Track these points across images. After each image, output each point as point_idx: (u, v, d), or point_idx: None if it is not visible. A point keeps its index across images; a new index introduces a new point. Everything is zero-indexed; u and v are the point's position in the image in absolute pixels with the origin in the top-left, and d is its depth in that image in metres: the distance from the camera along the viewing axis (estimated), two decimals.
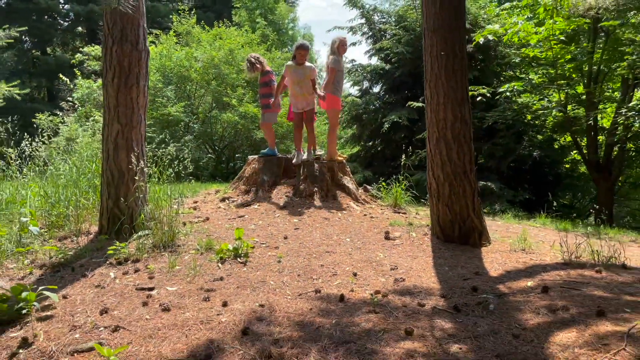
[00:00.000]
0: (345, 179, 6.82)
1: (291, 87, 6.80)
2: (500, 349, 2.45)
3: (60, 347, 2.78)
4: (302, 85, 6.65)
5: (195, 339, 2.75)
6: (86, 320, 3.09)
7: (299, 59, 6.58)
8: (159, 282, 3.71)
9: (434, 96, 4.81)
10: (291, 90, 6.82)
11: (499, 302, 3.14)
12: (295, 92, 6.75)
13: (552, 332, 2.61)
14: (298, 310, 3.12)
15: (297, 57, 6.57)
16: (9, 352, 2.77)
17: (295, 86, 6.70)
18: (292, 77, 6.67)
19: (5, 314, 3.13)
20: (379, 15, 12.83)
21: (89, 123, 12.57)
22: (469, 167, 4.76)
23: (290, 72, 6.66)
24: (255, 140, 13.44)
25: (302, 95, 6.71)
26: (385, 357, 2.44)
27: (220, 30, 15.32)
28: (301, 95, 6.72)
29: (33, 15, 25.18)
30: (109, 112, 4.86)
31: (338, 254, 4.44)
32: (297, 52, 6.57)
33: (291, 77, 6.68)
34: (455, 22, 4.73)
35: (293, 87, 6.75)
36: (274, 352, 2.52)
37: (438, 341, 2.59)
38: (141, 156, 4.91)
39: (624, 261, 4.20)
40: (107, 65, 4.86)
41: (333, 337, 2.68)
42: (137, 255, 4.28)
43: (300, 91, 6.70)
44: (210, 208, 6.31)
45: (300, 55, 6.56)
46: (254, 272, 3.93)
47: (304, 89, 6.67)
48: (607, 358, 2.27)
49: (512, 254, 4.50)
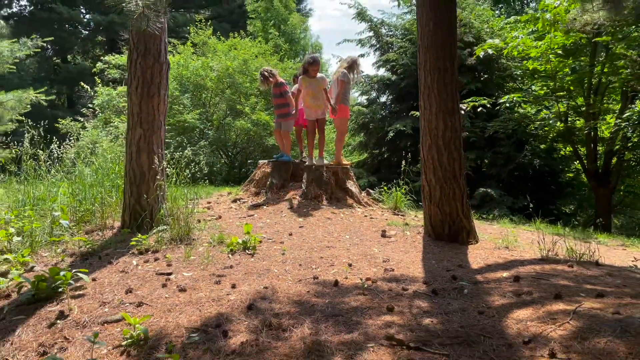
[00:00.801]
0: (348, 183, 7.28)
1: (306, 99, 7.34)
2: (465, 322, 2.89)
3: (92, 319, 3.26)
4: (317, 97, 7.22)
5: (207, 313, 3.22)
6: (113, 298, 3.58)
7: (311, 72, 7.15)
8: (176, 269, 4.19)
9: (427, 107, 5.27)
10: (306, 101, 7.35)
11: (473, 288, 3.58)
12: (310, 103, 7.30)
13: (512, 310, 3.04)
14: (297, 292, 3.58)
15: (310, 72, 7.14)
16: (49, 322, 3.26)
17: (310, 98, 7.26)
18: (307, 89, 7.23)
19: (44, 292, 3.63)
20: (386, 29, 13.36)
21: (109, 128, 13.22)
22: (458, 171, 5.20)
23: (305, 85, 7.22)
24: (267, 146, 13.94)
25: (317, 105, 7.28)
26: (367, 326, 2.89)
27: (235, 41, 15.92)
28: (316, 106, 7.29)
29: (55, 25, 26.10)
30: (133, 118, 5.38)
31: (337, 248, 4.90)
32: (310, 68, 7.15)
33: (306, 90, 7.25)
34: (447, 40, 5.19)
35: (308, 98, 7.30)
36: (274, 322, 2.98)
37: (414, 316, 3.04)
38: (161, 158, 5.42)
39: (597, 259, 4.60)
40: (131, 75, 5.39)
41: (325, 312, 3.13)
42: (156, 247, 4.77)
43: (314, 102, 7.26)
44: (223, 208, 6.81)
45: (314, 70, 7.16)
46: (260, 262, 4.40)
47: (318, 100, 7.24)
48: (552, 328, 2.70)
49: (496, 251, 4.93)
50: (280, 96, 7.63)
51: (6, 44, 11.02)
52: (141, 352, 2.79)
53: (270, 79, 7.59)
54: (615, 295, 3.25)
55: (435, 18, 5.16)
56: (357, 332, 2.82)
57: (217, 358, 2.64)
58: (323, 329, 2.88)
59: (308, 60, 7.24)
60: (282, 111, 7.65)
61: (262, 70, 7.72)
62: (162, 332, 2.99)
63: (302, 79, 7.29)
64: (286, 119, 7.62)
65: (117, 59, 16.92)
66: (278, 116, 7.77)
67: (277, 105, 7.75)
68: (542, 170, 11.32)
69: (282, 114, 7.65)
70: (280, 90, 7.62)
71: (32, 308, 3.48)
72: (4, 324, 3.30)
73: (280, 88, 7.63)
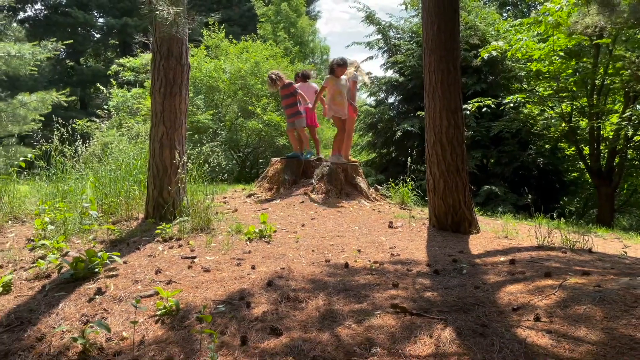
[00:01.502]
0: (357, 179, 7.64)
1: (334, 97, 7.71)
2: (462, 295, 3.24)
3: (127, 294, 3.64)
4: (343, 95, 7.64)
5: (231, 289, 3.59)
6: (145, 277, 3.95)
7: (338, 73, 7.61)
8: (199, 254, 4.56)
9: (432, 105, 5.62)
10: (334, 99, 7.72)
11: (471, 269, 3.93)
12: (338, 101, 7.69)
13: (505, 285, 3.38)
14: (311, 272, 3.93)
15: (337, 72, 7.60)
16: (88, 297, 3.63)
17: (339, 96, 7.66)
18: (335, 88, 7.66)
19: (81, 272, 4.01)
20: (394, 32, 13.73)
21: (124, 129, 13.65)
22: (461, 165, 5.54)
23: (333, 84, 7.65)
24: (278, 146, 14.32)
25: (343, 103, 7.68)
26: (374, 298, 3.24)
27: (247, 44, 16.33)
28: (342, 104, 7.68)
29: (68, 28, 26.68)
30: (156, 117, 5.77)
31: (347, 237, 5.25)
32: (339, 69, 7.61)
33: (334, 88, 7.66)
34: (450, 43, 5.54)
35: (336, 97, 7.69)
36: (291, 295, 3.34)
37: (416, 290, 3.39)
38: (182, 153, 5.80)
39: (590, 247, 4.92)
40: (154, 76, 5.78)
41: (337, 287, 3.49)
42: (179, 235, 5.15)
43: (342, 100, 7.67)
44: (238, 202, 7.19)
45: (341, 71, 7.62)
46: (276, 248, 4.76)
47: (344, 99, 7.65)
48: (539, 299, 3.04)
49: (495, 240, 5.27)
50: (291, 96, 8.00)
51: (27, 47, 11.49)
52: (174, 321, 3.16)
53: (277, 81, 7.97)
54: (600, 274, 3.59)
55: (439, 23, 5.51)
56: (365, 302, 3.18)
57: (242, 324, 3.01)
58: (335, 301, 3.23)
59: (338, 62, 7.66)
60: (293, 110, 8.03)
61: (270, 73, 8.12)
62: (191, 304, 3.36)
63: (329, 78, 7.71)
64: (299, 116, 8.00)
65: (131, 62, 17.37)
66: (290, 116, 8.14)
67: (288, 105, 8.13)
68: (546, 169, 11.61)
69: (293, 112, 8.02)
70: (290, 90, 7.99)
71: (72, 286, 3.86)
72: (47, 299, 3.68)
73: (289, 88, 8.00)
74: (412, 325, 2.81)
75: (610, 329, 2.59)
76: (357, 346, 2.63)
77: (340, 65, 7.60)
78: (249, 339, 2.81)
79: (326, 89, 7.77)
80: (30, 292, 3.81)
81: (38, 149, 6.53)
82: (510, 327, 2.70)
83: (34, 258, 4.52)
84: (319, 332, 2.82)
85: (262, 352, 2.67)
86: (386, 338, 2.69)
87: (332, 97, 7.71)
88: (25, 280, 4.04)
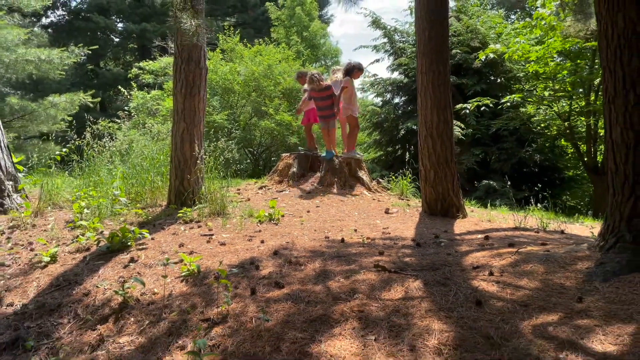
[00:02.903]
0: (360, 172, 8.29)
1: (351, 97, 8.58)
2: (435, 259, 3.88)
3: (156, 262, 4.34)
4: (357, 96, 8.69)
5: (243, 257, 4.27)
6: (170, 249, 4.65)
7: (356, 75, 8.56)
8: (216, 232, 5.26)
9: (424, 103, 6.26)
10: (351, 99, 8.57)
11: (449, 242, 4.56)
12: (354, 101, 8.63)
13: (472, 253, 4.02)
14: (311, 245, 4.60)
15: (355, 75, 8.53)
16: (123, 264, 4.34)
17: (354, 97, 8.64)
18: (353, 89, 8.63)
19: (117, 245, 4.72)
20: (399, 35, 14.39)
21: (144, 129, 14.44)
22: (450, 157, 6.17)
23: (353, 86, 8.60)
24: (289, 145, 15.01)
25: (357, 103, 8.68)
26: (362, 262, 3.90)
27: (260, 47, 17.05)
28: (356, 104, 8.67)
29: (89, 33, 27.66)
30: (177, 114, 6.49)
31: (346, 221, 5.91)
32: (357, 72, 8.55)
33: (352, 89, 8.58)
34: (440, 47, 6.18)
35: (353, 97, 8.62)
36: (293, 260, 4.01)
37: (398, 257, 4.04)
38: (200, 147, 6.51)
39: (563, 229, 5.51)
40: (176, 78, 6.49)
41: (332, 255, 4.15)
42: (198, 218, 5.86)
43: (356, 100, 8.68)
44: (250, 193, 7.88)
45: (358, 75, 8.62)
46: (283, 228, 5.44)
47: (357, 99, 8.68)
48: (496, 261, 3.67)
49: (479, 223, 5.89)
50: (329, 98, 8.47)
51: (56, 52, 12.34)
52: (196, 280, 3.85)
53: (319, 82, 8.40)
54: (556, 245, 4.20)
55: (430, 30, 6.15)
56: (354, 265, 3.84)
57: (252, 281, 3.69)
58: (329, 264, 3.90)
59: (358, 66, 8.53)
60: (331, 111, 8.51)
61: (313, 73, 8.45)
62: (209, 268, 4.05)
63: (350, 80, 8.48)
64: (334, 117, 8.57)
65: (150, 65, 18.20)
66: (327, 117, 8.59)
67: (327, 107, 8.52)
68: (545, 166, 12.16)
69: (331, 114, 8.53)
70: (329, 92, 8.42)
71: (109, 256, 4.57)
72: (89, 266, 4.40)
73: (329, 91, 8.41)
74: (389, 279, 3.46)
75: (547, 280, 3.22)
76: (343, 294, 3.29)
77: (360, 69, 8.53)
78: (257, 291, 3.49)
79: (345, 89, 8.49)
80: (74, 262, 4.53)
81: (72, 144, 7.27)
82: (468, 280, 3.34)
83: (74, 236, 5.24)
84: (314, 285, 3.49)
85: (268, 299, 3.35)
86: (367, 288, 3.35)
87: (349, 97, 8.47)
88: (68, 253, 4.77)
